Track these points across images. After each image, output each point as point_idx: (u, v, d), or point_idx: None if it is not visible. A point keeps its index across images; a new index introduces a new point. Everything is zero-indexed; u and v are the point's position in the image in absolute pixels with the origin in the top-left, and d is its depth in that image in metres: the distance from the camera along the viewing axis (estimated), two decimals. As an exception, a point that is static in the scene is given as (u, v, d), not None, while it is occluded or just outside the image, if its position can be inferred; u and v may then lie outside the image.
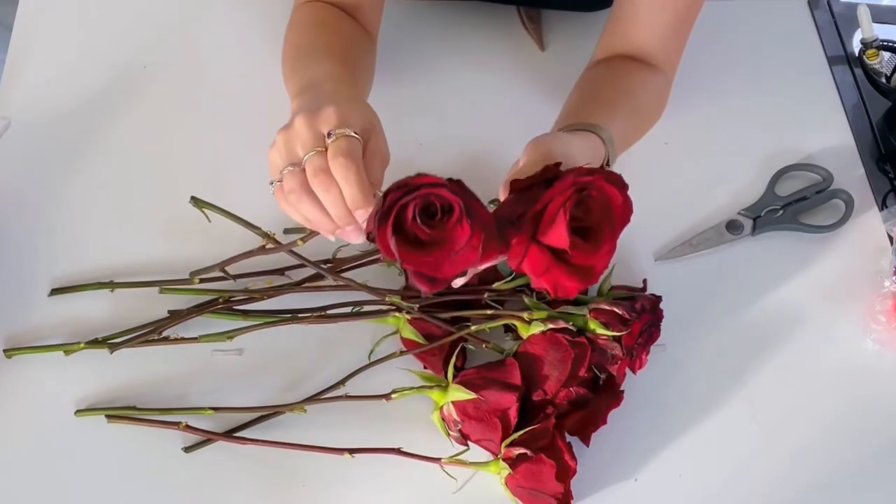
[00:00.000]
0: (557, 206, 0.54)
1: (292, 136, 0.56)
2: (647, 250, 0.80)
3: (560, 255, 0.55)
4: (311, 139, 0.55)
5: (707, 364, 0.74)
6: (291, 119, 0.57)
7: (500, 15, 0.93)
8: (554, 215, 0.54)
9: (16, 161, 0.79)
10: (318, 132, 0.56)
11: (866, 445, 0.72)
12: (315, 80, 0.64)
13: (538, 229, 0.55)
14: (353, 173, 0.54)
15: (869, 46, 0.95)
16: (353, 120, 0.56)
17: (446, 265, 0.53)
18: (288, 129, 0.57)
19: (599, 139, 0.67)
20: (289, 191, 0.56)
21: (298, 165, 0.56)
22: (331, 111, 0.56)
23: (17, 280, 0.73)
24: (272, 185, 0.58)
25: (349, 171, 0.54)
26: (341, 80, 0.65)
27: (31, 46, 0.86)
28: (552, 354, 0.65)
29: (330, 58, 0.69)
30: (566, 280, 0.56)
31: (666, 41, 0.77)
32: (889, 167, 0.88)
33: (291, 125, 0.57)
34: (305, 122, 0.56)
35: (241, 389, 0.69)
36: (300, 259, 0.66)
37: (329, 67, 0.67)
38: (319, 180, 0.55)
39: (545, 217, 0.55)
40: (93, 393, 0.68)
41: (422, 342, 0.68)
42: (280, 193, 0.57)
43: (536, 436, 0.63)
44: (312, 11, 0.74)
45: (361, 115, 0.58)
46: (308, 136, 0.56)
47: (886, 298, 0.76)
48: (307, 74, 0.66)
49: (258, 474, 0.66)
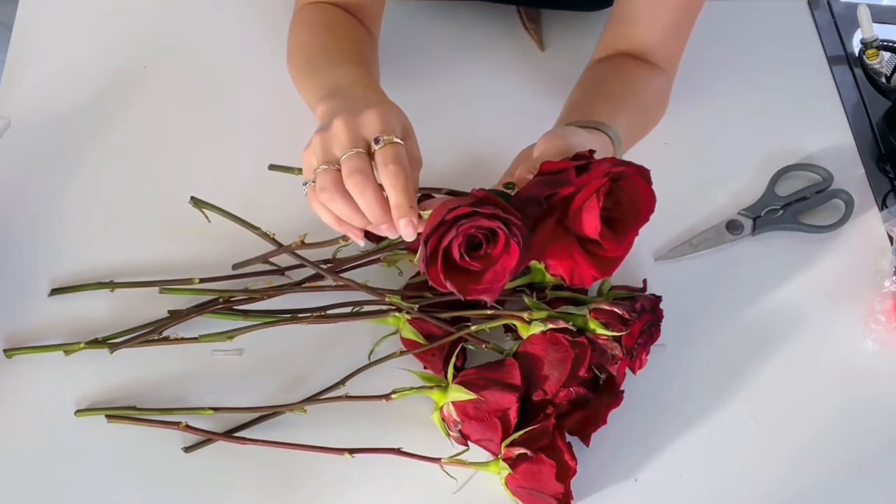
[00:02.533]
0: (590, 191, 0.53)
1: (330, 137, 0.56)
2: (647, 250, 0.80)
3: (583, 243, 0.55)
4: (350, 141, 0.55)
5: (707, 364, 0.74)
6: (328, 121, 0.57)
7: (500, 15, 0.93)
8: (585, 201, 0.53)
9: (16, 161, 0.79)
10: (358, 135, 0.56)
11: (866, 445, 0.72)
12: (340, 84, 0.64)
13: (567, 214, 0.54)
14: (402, 181, 0.54)
15: (869, 46, 0.95)
16: (395, 125, 0.56)
17: (499, 281, 0.53)
18: (325, 131, 0.57)
19: (607, 137, 0.67)
20: (321, 188, 0.56)
21: (334, 165, 0.56)
22: (372, 115, 0.56)
23: (17, 280, 0.73)
24: (305, 185, 0.58)
25: (398, 178, 0.54)
26: (367, 83, 0.65)
27: (31, 46, 0.86)
28: (552, 354, 0.65)
29: (347, 60, 0.69)
30: (585, 268, 0.55)
31: (667, 39, 0.77)
32: (889, 167, 0.88)
33: (329, 127, 0.56)
34: (344, 125, 0.56)
35: (241, 389, 0.69)
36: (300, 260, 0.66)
37: (351, 70, 0.67)
38: (355, 181, 0.54)
39: (575, 202, 0.53)
40: (93, 393, 0.68)
41: (422, 342, 0.68)
42: (313, 193, 0.57)
43: (536, 436, 0.63)
44: (317, 12, 0.74)
45: (398, 120, 0.58)
46: (346, 139, 0.55)
47: (886, 298, 0.76)
48: (328, 77, 0.66)
49: (258, 474, 0.66)
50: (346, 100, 0.61)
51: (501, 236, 0.52)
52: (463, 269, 0.52)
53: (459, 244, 0.51)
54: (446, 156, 0.81)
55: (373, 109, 0.56)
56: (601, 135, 0.67)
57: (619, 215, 0.55)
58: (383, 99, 0.63)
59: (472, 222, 0.51)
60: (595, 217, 0.53)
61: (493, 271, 0.53)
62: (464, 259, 0.52)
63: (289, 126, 0.81)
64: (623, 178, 0.55)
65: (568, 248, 0.55)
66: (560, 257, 0.55)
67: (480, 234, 0.52)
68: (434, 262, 0.51)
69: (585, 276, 0.55)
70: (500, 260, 0.53)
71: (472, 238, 0.52)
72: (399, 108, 0.61)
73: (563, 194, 0.54)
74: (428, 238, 0.51)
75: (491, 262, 0.53)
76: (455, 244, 0.51)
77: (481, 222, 0.51)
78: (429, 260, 0.51)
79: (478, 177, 0.67)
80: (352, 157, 0.55)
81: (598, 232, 0.54)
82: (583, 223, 0.54)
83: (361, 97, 0.61)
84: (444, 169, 0.80)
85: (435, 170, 0.62)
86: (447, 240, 0.51)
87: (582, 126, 0.67)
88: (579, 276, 0.55)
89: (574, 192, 0.54)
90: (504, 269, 0.53)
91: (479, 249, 0.52)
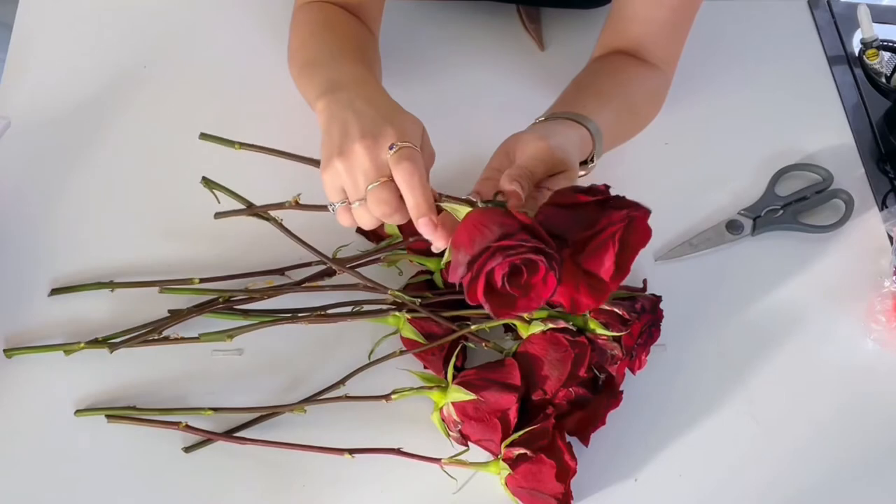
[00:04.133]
0: (609, 234, 0.56)
1: (353, 164, 0.57)
2: (647, 250, 0.79)
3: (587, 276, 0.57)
4: (374, 169, 0.57)
5: (707, 364, 0.74)
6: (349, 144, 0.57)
7: (500, 14, 0.93)
8: (603, 243, 0.56)
9: (16, 161, 0.79)
10: (381, 161, 0.57)
11: (866, 445, 0.72)
12: (340, 80, 0.64)
13: (583, 252, 0.57)
14: (417, 179, 0.56)
15: (869, 46, 0.95)
16: (412, 136, 0.58)
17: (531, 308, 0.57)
18: (345, 156, 0.57)
19: (586, 130, 0.68)
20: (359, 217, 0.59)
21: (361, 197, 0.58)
22: (390, 134, 0.57)
23: (17, 280, 0.73)
24: (332, 207, 0.60)
25: (413, 177, 0.56)
26: (367, 80, 0.65)
27: (31, 46, 0.86)
28: (552, 354, 0.65)
29: (348, 57, 0.69)
30: (585, 299, 0.58)
31: (664, 38, 0.78)
32: (889, 167, 0.88)
33: (350, 152, 0.57)
34: (366, 150, 0.57)
35: (241, 389, 0.69)
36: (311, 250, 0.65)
37: (351, 69, 0.67)
38: (383, 211, 0.57)
39: (594, 243, 0.56)
40: (93, 393, 0.68)
41: (422, 341, 0.68)
42: (345, 214, 0.60)
43: (536, 436, 0.63)
44: (317, 11, 0.74)
45: (412, 129, 0.59)
46: (370, 166, 0.57)
47: (886, 298, 0.76)
48: (327, 74, 0.66)
49: (258, 474, 0.66)
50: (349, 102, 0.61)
51: (542, 269, 0.55)
52: (501, 293, 0.55)
53: (504, 274, 0.54)
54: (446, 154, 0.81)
55: (391, 128, 0.57)
56: (580, 128, 0.68)
57: (622, 253, 0.57)
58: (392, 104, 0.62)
59: (519, 254, 0.54)
60: (611, 260, 0.56)
61: (527, 299, 0.56)
62: (504, 287, 0.55)
63: (289, 126, 0.81)
64: (636, 220, 0.57)
65: (575, 281, 0.57)
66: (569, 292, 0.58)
67: (523, 264, 0.55)
68: (476, 283, 0.54)
69: (583, 305, 0.58)
70: (535, 288, 0.56)
71: (515, 267, 0.55)
72: (411, 116, 0.61)
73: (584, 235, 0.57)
74: (474, 260, 0.54)
75: (529, 289, 0.56)
76: (499, 271, 0.54)
77: (528, 256, 0.54)
78: (472, 279, 0.54)
79: (477, 175, 0.67)
80: (376, 190, 0.57)
81: (612, 271, 0.57)
82: (598, 264, 0.57)
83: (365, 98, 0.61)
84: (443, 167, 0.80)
85: (434, 168, 0.62)
86: (492, 265, 0.54)
87: (563, 117, 0.68)
88: (578, 304, 0.58)
89: (592, 234, 0.57)
90: (539, 297, 0.56)
91: (519, 277, 0.55)
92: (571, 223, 0.57)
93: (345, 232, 0.75)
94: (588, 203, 0.58)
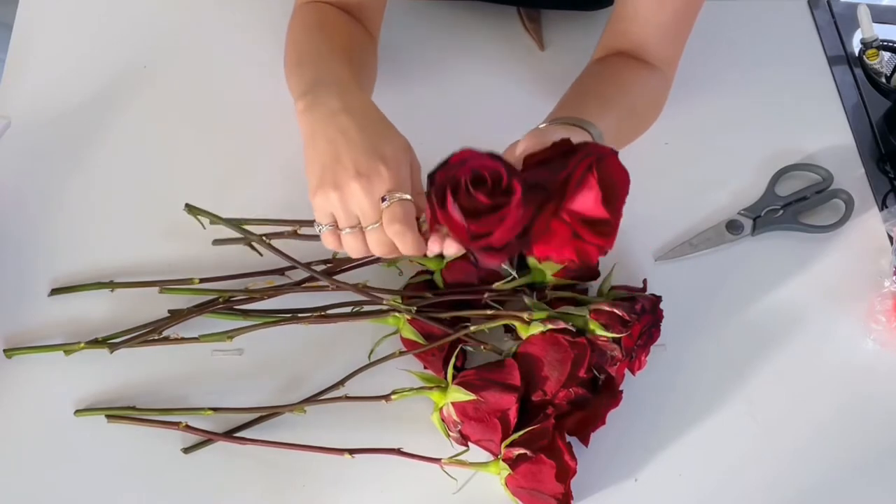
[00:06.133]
0: (584, 166, 0.55)
1: (349, 201, 0.58)
2: (647, 250, 0.80)
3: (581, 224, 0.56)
4: (371, 211, 0.58)
5: (707, 364, 0.74)
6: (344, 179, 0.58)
7: (500, 15, 0.93)
8: (581, 178, 0.55)
9: (16, 161, 0.79)
10: (375, 200, 0.58)
11: (866, 445, 0.72)
12: (322, 83, 0.64)
13: (563, 197, 0.56)
14: (409, 238, 0.58)
15: (869, 46, 0.95)
16: (405, 181, 0.59)
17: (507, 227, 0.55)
18: (341, 190, 0.58)
19: (589, 135, 0.68)
20: (352, 249, 0.60)
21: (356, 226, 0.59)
22: (385, 175, 0.58)
23: (17, 280, 0.73)
24: (320, 228, 0.60)
25: (405, 237, 0.58)
26: (348, 84, 0.65)
27: (31, 46, 0.86)
28: (552, 355, 0.65)
29: (335, 59, 0.69)
30: (590, 239, 0.56)
31: (665, 40, 0.77)
32: (889, 167, 0.88)
33: (347, 189, 0.58)
34: (362, 189, 0.58)
35: (240, 389, 0.69)
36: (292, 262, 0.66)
37: (334, 69, 0.67)
38: (383, 251, 0.60)
39: (572, 181, 0.55)
40: (93, 393, 0.68)
41: (422, 342, 0.68)
42: (332, 238, 0.60)
43: (536, 436, 0.63)
44: (314, 12, 0.74)
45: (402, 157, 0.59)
46: (368, 208, 0.58)
47: (886, 298, 0.76)
48: (313, 74, 0.66)
49: (258, 474, 0.66)
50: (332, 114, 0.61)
51: (504, 177, 0.54)
52: (470, 209, 0.54)
53: (467, 179, 0.54)
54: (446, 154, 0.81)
55: (383, 168, 0.58)
56: (583, 133, 0.67)
57: (605, 193, 0.56)
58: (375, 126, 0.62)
59: (480, 160, 0.54)
60: (595, 190, 0.55)
61: (499, 216, 0.54)
62: (469, 192, 0.54)
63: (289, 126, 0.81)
64: (605, 158, 0.57)
65: (568, 231, 0.56)
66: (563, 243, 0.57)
67: (487, 172, 0.54)
68: (443, 200, 0.54)
69: (591, 251, 0.57)
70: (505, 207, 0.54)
71: (477, 174, 0.54)
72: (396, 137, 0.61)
73: (561, 177, 0.56)
74: (432, 176, 0.55)
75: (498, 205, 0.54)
76: (462, 175, 0.54)
77: (486, 162, 0.54)
78: (438, 198, 0.54)
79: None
80: (376, 232, 0.59)
81: (599, 198, 0.55)
82: (584, 200, 0.55)
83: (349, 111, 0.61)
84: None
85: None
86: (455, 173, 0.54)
87: (566, 123, 0.68)
88: (585, 252, 0.57)
89: (569, 173, 0.56)
90: (511, 215, 0.54)
91: (483, 187, 0.54)
92: (547, 176, 0.57)
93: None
94: (556, 155, 0.58)
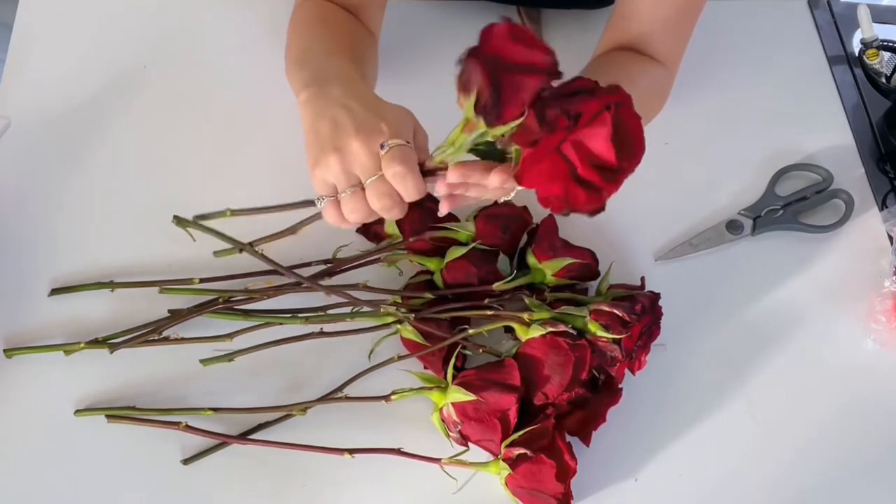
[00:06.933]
0: (601, 106, 0.52)
1: (350, 159, 0.58)
2: (647, 250, 0.80)
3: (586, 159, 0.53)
4: (370, 163, 0.57)
5: (707, 364, 0.74)
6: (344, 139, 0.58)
7: (500, 14, 0.93)
8: (597, 114, 0.53)
9: (16, 161, 0.79)
10: (375, 153, 0.57)
11: (866, 445, 0.72)
12: (326, 76, 0.64)
13: (576, 127, 0.53)
14: (409, 182, 0.57)
15: (869, 46, 0.95)
16: (404, 128, 0.58)
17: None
18: (341, 152, 0.58)
19: None
20: (351, 211, 0.59)
21: (357, 186, 0.58)
22: (382, 129, 0.57)
23: (17, 280, 0.73)
24: (319, 202, 0.60)
25: (406, 179, 0.56)
26: (353, 79, 0.65)
27: (31, 46, 0.86)
28: (552, 358, 0.65)
29: (337, 52, 0.69)
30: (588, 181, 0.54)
31: (667, 36, 0.77)
32: (889, 167, 0.88)
33: (346, 148, 0.57)
34: (361, 144, 0.57)
35: (240, 390, 0.69)
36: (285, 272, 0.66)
37: (337, 62, 0.67)
38: (384, 204, 0.58)
39: (585, 116, 0.52)
40: (93, 393, 0.68)
41: (422, 342, 0.68)
42: (332, 209, 0.59)
43: (536, 436, 0.63)
44: (315, 9, 0.74)
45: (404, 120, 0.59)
46: (367, 160, 0.57)
47: (886, 298, 0.76)
48: (315, 67, 0.66)
49: (258, 474, 0.66)
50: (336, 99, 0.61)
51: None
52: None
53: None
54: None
55: (384, 124, 0.58)
56: None
57: (618, 138, 0.53)
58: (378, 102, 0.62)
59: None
60: (607, 124, 0.52)
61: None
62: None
63: (289, 125, 0.81)
64: (624, 104, 0.54)
65: (565, 169, 0.53)
66: (555, 178, 0.54)
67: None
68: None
69: (580, 197, 0.54)
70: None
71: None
72: (400, 107, 0.61)
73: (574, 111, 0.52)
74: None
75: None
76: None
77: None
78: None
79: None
80: (376, 183, 0.57)
81: (610, 136, 0.52)
82: (593, 133, 0.53)
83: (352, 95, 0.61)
84: (444, 169, 0.80)
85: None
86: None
87: None
88: (574, 196, 0.54)
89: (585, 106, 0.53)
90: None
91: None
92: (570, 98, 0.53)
93: (345, 233, 0.75)
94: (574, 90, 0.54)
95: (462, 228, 0.72)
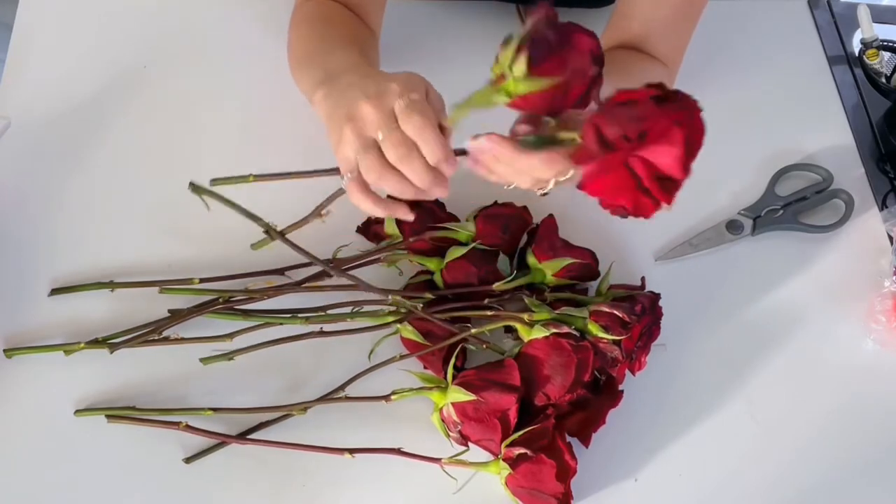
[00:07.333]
0: (671, 121, 0.52)
1: (361, 123, 0.57)
2: (647, 250, 0.80)
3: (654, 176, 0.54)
4: (383, 119, 0.56)
5: (707, 364, 0.74)
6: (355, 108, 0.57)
7: (500, 14, 0.93)
8: (665, 129, 0.52)
9: (16, 161, 0.79)
10: (388, 110, 0.56)
11: (866, 445, 0.72)
12: (339, 68, 0.64)
13: (644, 139, 0.52)
14: (429, 129, 0.55)
15: (869, 46, 0.95)
16: (416, 87, 0.58)
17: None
18: (354, 119, 0.57)
19: None
20: (368, 170, 0.56)
21: (373, 147, 0.56)
22: (393, 87, 0.57)
23: (17, 280, 0.73)
24: (344, 180, 0.58)
25: (425, 128, 0.55)
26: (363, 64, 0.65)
27: (31, 46, 0.86)
28: (554, 359, 0.65)
29: (343, 47, 0.69)
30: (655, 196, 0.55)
31: (667, 36, 0.78)
32: (889, 167, 0.88)
33: (358, 114, 0.57)
34: (372, 106, 0.56)
35: (241, 389, 0.69)
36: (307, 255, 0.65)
37: (345, 56, 0.67)
38: (400, 152, 0.55)
39: (654, 131, 0.52)
40: (93, 393, 0.68)
41: (422, 342, 0.68)
42: (356, 184, 0.57)
43: (536, 436, 0.63)
44: (316, 8, 0.74)
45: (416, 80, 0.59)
46: (377, 117, 0.56)
47: (886, 298, 0.76)
48: (325, 64, 0.66)
49: (258, 474, 0.66)
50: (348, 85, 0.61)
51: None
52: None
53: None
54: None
55: (393, 83, 0.57)
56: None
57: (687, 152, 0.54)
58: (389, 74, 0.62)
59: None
60: (679, 144, 0.52)
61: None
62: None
63: (289, 125, 0.81)
64: (694, 114, 0.54)
65: (632, 181, 0.54)
66: (622, 190, 0.54)
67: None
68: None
69: (649, 207, 0.55)
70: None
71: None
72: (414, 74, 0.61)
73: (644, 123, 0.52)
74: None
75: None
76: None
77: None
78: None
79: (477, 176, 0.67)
80: (390, 134, 0.56)
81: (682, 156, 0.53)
82: (663, 152, 0.53)
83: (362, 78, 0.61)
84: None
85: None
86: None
87: None
88: (643, 206, 0.55)
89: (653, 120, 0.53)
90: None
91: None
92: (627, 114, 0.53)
93: (345, 233, 0.75)
94: (643, 98, 0.53)
95: (462, 228, 0.72)
